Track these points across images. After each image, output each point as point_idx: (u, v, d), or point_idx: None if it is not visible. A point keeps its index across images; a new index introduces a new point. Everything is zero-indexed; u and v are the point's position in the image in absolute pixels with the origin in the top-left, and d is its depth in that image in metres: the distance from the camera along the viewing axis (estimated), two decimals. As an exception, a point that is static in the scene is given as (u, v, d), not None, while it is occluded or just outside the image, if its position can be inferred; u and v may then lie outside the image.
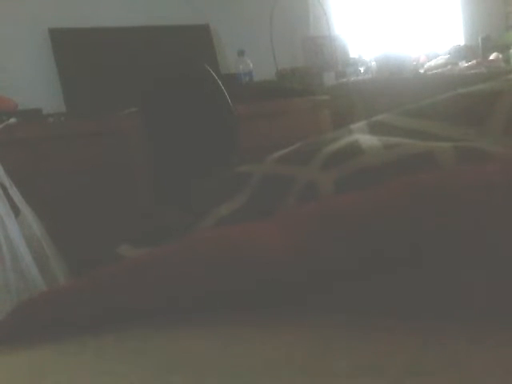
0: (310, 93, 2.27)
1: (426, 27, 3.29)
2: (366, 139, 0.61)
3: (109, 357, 0.35)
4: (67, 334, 0.38)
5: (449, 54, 2.90)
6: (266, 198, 0.62)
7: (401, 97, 1.35)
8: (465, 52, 2.93)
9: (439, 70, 2.62)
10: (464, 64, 2.69)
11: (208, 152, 1.63)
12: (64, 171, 1.77)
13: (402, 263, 0.36)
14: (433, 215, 0.38)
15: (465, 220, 0.37)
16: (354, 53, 3.00)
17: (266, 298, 0.37)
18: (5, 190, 1.43)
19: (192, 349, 0.33)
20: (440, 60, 2.77)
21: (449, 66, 2.64)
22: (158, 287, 0.39)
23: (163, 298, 0.39)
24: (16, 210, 1.44)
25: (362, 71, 2.74)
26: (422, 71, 2.65)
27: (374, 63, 2.64)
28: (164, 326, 0.37)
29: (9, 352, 0.37)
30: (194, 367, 0.31)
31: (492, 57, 2.75)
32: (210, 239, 0.43)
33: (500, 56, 2.75)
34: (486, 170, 0.44)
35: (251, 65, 2.48)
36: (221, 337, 0.35)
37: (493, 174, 0.42)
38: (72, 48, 2.26)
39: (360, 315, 0.34)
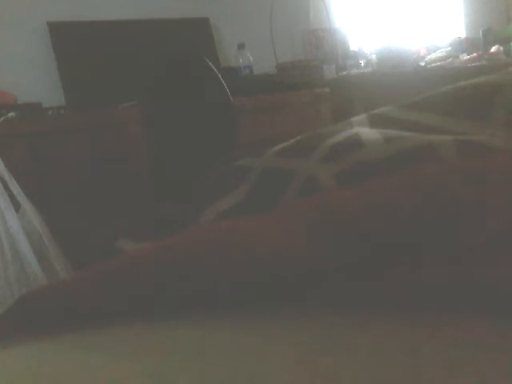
0: (311, 86, 2.26)
1: (426, 20, 3.28)
2: (367, 132, 0.61)
3: (110, 351, 0.35)
4: (68, 328, 0.38)
5: (450, 46, 2.89)
6: (266, 192, 0.62)
7: (401, 90, 1.35)
8: (466, 45, 2.92)
9: (440, 63, 2.61)
10: (465, 57, 2.69)
11: (208, 145, 1.62)
12: (64, 165, 1.77)
13: (402, 258, 0.36)
14: (433, 209, 0.38)
15: (466, 214, 0.37)
16: (354, 46, 3.00)
17: (266, 292, 0.37)
18: (5, 183, 1.43)
19: (191, 345, 0.33)
20: (441, 53, 2.76)
21: (449, 59, 2.64)
22: (158, 281, 0.39)
23: (164, 292, 0.39)
24: (16, 204, 1.44)
25: (362, 64, 2.73)
26: (422, 64, 2.64)
27: (374, 56, 2.64)
28: (164, 321, 0.37)
29: (8, 346, 0.37)
30: (193, 364, 0.31)
31: (493, 49, 2.75)
32: (210, 234, 0.43)
33: (501, 49, 2.74)
34: (486, 163, 0.44)
35: (251, 58, 2.48)
36: (219, 333, 0.35)
37: (493, 167, 0.42)
38: (71, 41, 2.25)
39: (359, 311, 0.34)
